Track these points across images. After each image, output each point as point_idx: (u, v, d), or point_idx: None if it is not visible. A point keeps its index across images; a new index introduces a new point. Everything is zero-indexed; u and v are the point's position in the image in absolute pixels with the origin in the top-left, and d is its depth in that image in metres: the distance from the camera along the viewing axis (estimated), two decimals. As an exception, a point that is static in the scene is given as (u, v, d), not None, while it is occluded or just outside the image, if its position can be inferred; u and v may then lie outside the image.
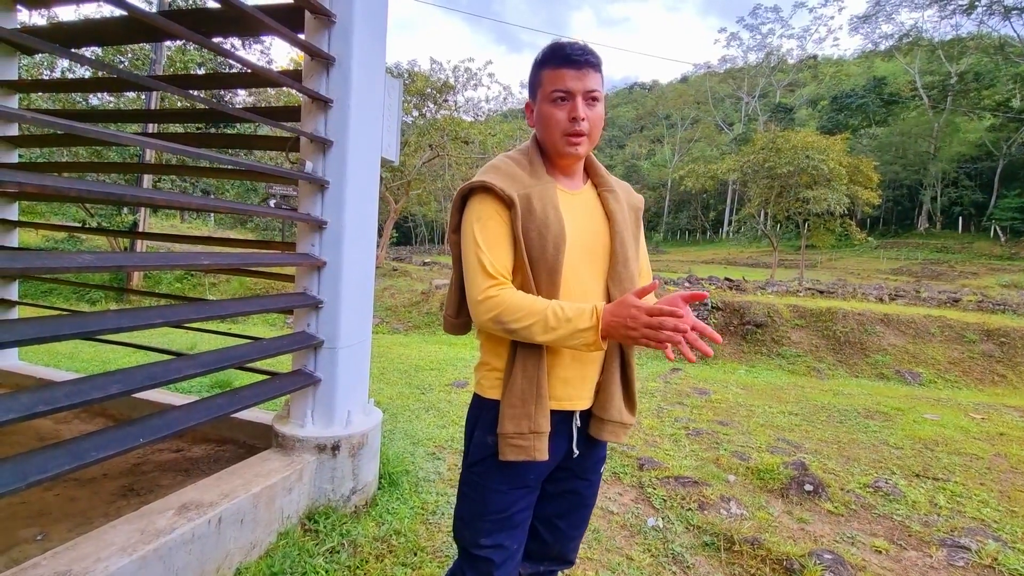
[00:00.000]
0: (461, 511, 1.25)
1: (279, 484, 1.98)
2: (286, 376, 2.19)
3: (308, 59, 2.16)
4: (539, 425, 1.11)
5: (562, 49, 1.15)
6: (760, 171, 18.19)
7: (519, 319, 1.05)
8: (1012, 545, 2.38)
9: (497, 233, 1.11)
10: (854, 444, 3.82)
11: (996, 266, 23.33)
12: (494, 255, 1.10)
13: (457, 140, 16.44)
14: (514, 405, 1.12)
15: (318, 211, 2.19)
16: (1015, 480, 3.26)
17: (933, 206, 33.69)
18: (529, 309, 1.06)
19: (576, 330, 1.04)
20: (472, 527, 1.21)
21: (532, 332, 1.06)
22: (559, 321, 1.04)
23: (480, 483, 1.20)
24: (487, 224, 1.11)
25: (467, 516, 1.23)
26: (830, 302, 8.75)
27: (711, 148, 44.24)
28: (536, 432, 1.11)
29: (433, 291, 10.92)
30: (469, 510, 1.22)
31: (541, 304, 1.06)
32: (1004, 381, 6.96)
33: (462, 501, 1.25)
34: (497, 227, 1.11)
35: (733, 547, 2.19)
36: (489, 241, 1.10)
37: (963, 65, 34.04)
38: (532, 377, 1.12)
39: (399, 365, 5.76)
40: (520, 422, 1.11)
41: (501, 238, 1.11)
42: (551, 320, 1.04)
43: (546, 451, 1.12)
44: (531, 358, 1.12)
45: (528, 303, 1.06)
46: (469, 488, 1.23)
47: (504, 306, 1.06)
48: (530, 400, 1.11)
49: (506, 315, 1.06)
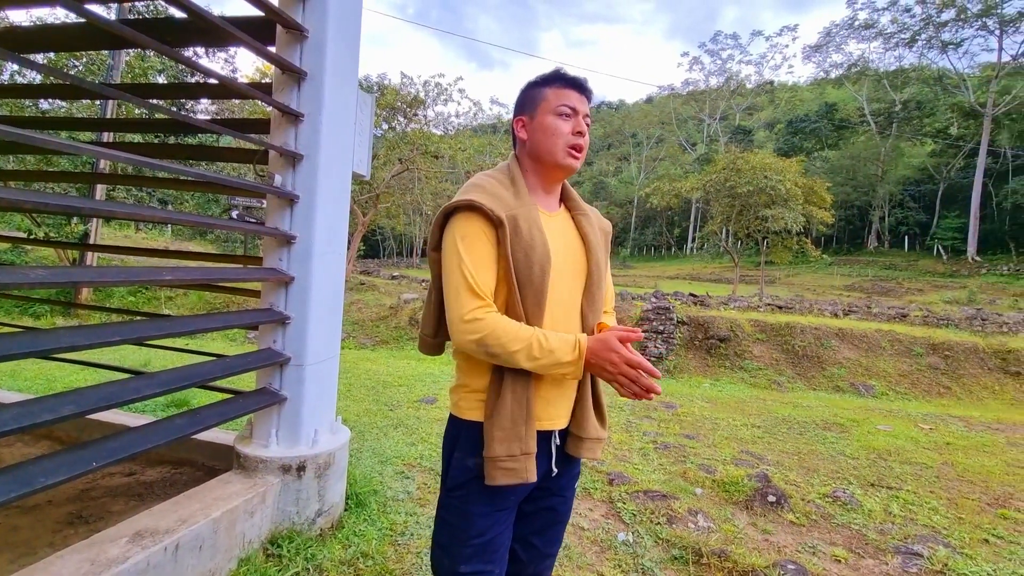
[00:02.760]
0: (440, 538, 1.22)
1: (241, 507, 1.90)
2: (250, 395, 2.12)
3: (279, 72, 2.14)
4: (529, 447, 1.11)
5: (568, 74, 1.24)
6: (722, 190, 18.84)
7: (504, 344, 1.06)
8: (960, 551, 2.50)
9: (483, 253, 1.11)
10: (813, 455, 3.96)
11: (939, 283, 24.73)
12: (480, 275, 1.09)
13: (427, 154, 16.43)
14: (504, 428, 1.10)
15: (287, 225, 2.15)
16: (961, 488, 3.43)
17: (881, 226, 35.57)
18: (515, 336, 1.06)
19: (558, 362, 1.07)
20: (453, 554, 1.18)
21: (516, 359, 1.07)
22: (543, 352, 1.06)
23: (461, 508, 1.17)
24: (473, 243, 1.10)
25: (447, 543, 1.20)
26: (789, 317, 9.09)
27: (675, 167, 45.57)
28: (527, 454, 1.11)
29: (402, 305, 10.79)
30: (449, 536, 1.19)
31: (527, 332, 1.07)
32: (949, 392, 7.35)
33: (441, 528, 1.22)
34: (483, 247, 1.11)
35: (701, 560, 2.22)
36: (475, 261, 1.09)
37: (906, 94, 36.36)
38: (522, 399, 1.12)
39: (366, 381, 5.65)
40: (512, 444, 1.10)
41: (486, 258, 1.11)
42: (535, 350, 1.06)
43: (534, 472, 1.12)
44: (520, 380, 1.12)
45: (514, 330, 1.07)
46: (449, 513, 1.20)
47: (490, 330, 1.06)
48: (520, 422, 1.11)
49: (491, 339, 1.06)
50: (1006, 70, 30.38)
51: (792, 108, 49.56)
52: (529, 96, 1.25)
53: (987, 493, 3.36)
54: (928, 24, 32.12)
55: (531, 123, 1.23)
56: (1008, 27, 29.97)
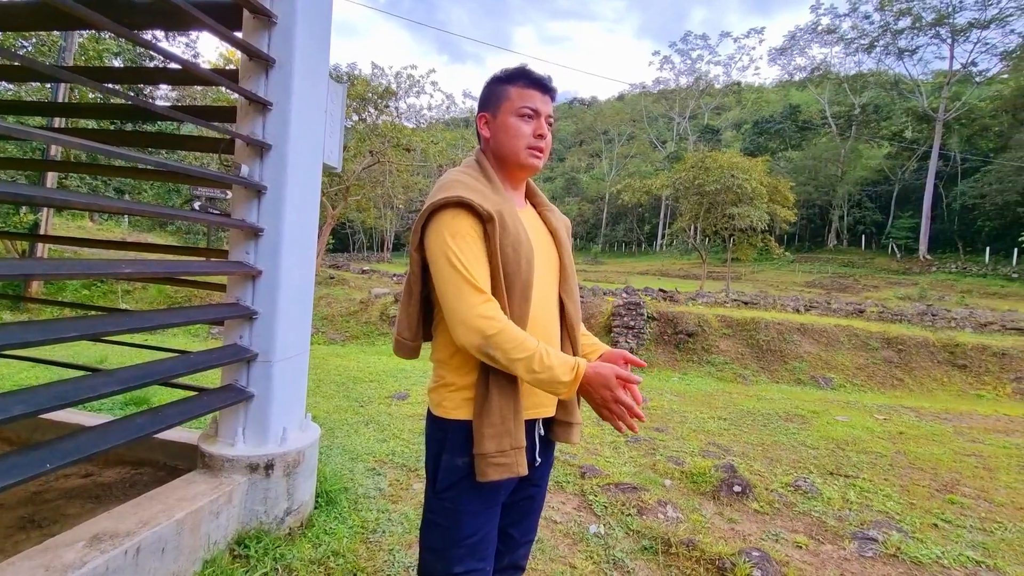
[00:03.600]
0: (431, 542, 1.20)
1: (206, 508, 1.85)
2: (216, 392, 2.05)
3: (246, 59, 2.06)
4: (519, 440, 1.11)
5: (533, 73, 1.23)
6: (690, 188, 19.21)
7: (509, 351, 1.04)
8: (912, 535, 2.64)
9: (475, 249, 1.09)
10: (776, 446, 4.10)
11: (894, 280, 25.89)
12: (477, 270, 1.08)
13: (399, 147, 16.20)
14: (494, 424, 1.10)
15: (254, 217, 2.08)
16: (913, 475, 3.61)
17: (840, 224, 36.96)
18: (522, 344, 1.04)
19: (555, 380, 1.06)
20: (445, 557, 1.16)
21: (515, 366, 1.05)
22: (543, 367, 1.05)
23: (452, 508, 1.16)
24: (465, 239, 1.09)
25: (438, 546, 1.18)
26: (754, 313, 9.36)
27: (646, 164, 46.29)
28: (517, 448, 1.11)
29: (372, 300, 10.64)
30: (441, 539, 1.17)
31: (532, 344, 1.06)
32: (902, 384, 7.72)
33: (431, 530, 1.19)
34: (474, 243, 1.10)
35: (670, 550, 2.27)
36: (469, 257, 1.08)
37: (865, 98, 37.79)
38: (509, 394, 1.12)
39: (336, 377, 5.55)
40: (502, 440, 1.10)
41: (479, 254, 1.10)
42: (536, 364, 1.05)
43: (525, 465, 1.12)
44: (497, 375, 1.11)
45: (522, 338, 1.05)
46: (439, 515, 1.18)
47: (499, 330, 1.04)
48: (509, 416, 1.11)
49: (500, 339, 1.04)
50: (956, 77, 31.96)
51: (758, 109, 50.87)
52: (493, 93, 1.23)
53: (936, 480, 3.55)
54: (886, 31, 33.42)
55: (494, 122, 1.23)
56: (959, 36, 31.48)
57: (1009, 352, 8.23)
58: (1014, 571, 2.36)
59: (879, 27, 33.71)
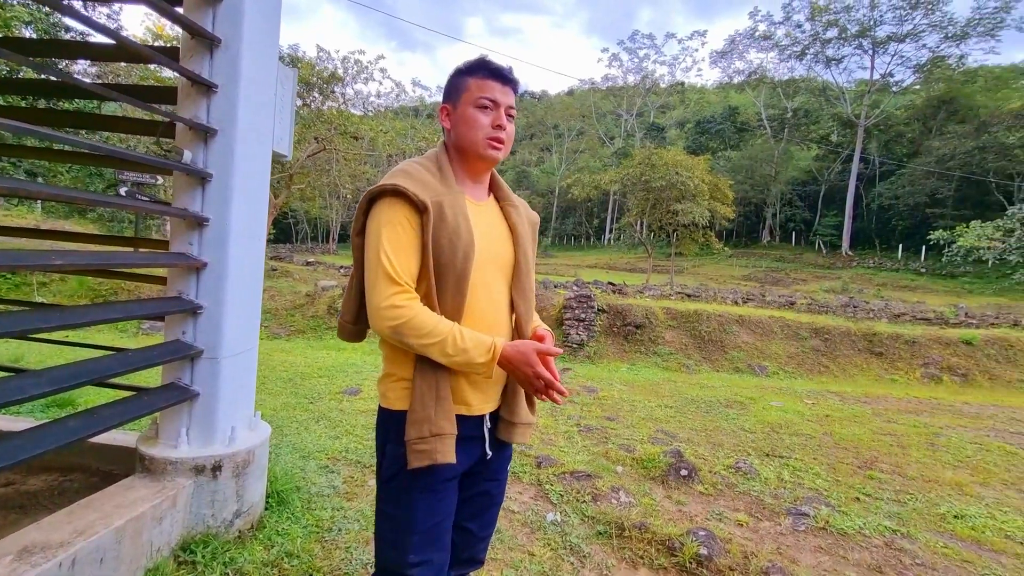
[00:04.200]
0: (383, 531, 1.20)
1: (148, 514, 1.75)
2: (157, 391, 1.94)
3: (188, 38, 1.94)
4: (440, 427, 1.11)
5: (492, 64, 1.22)
6: (638, 184, 19.78)
7: (420, 337, 1.07)
8: (839, 509, 2.87)
9: (406, 239, 1.10)
10: (718, 431, 4.33)
11: (820, 274, 27.78)
12: (400, 261, 1.09)
13: (346, 135, 15.68)
14: (415, 411, 1.11)
15: (197, 206, 1.97)
16: (838, 454, 3.92)
17: (774, 222, 39.21)
18: (433, 329, 1.07)
19: (471, 362, 1.10)
20: (398, 546, 1.17)
21: (430, 351, 1.08)
22: (457, 350, 1.08)
23: (400, 498, 1.17)
24: (396, 229, 1.10)
25: (389, 535, 1.18)
26: (697, 305, 9.80)
27: (595, 160, 47.10)
28: (437, 435, 1.11)
29: (319, 293, 10.29)
30: (392, 529, 1.18)
31: (445, 327, 1.08)
32: (827, 371, 8.33)
33: (383, 520, 1.20)
34: (406, 232, 1.11)
35: (624, 533, 2.36)
36: (396, 246, 1.09)
37: (796, 102, 40.12)
38: (431, 381, 1.12)
39: (282, 373, 5.35)
40: (421, 426, 1.10)
41: (409, 244, 1.11)
42: (449, 347, 1.07)
43: (450, 454, 1.12)
44: (428, 362, 1.12)
45: (433, 323, 1.08)
46: (389, 505, 1.19)
47: (407, 318, 1.07)
48: (429, 403, 1.11)
49: (407, 328, 1.07)
50: (876, 86, 34.53)
51: (700, 109, 52.88)
52: (454, 85, 1.24)
53: (858, 458, 3.87)
54: (815, 40, 35.53)
55: (454, 113, 1.22)
56: (879, 48, 33.99)
57: (919, 340, 9.05)
58: (924, 537, 2.62)
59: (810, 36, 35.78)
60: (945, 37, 31.60)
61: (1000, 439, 4.65)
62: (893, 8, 32.03)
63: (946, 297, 19.85)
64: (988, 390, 7.99)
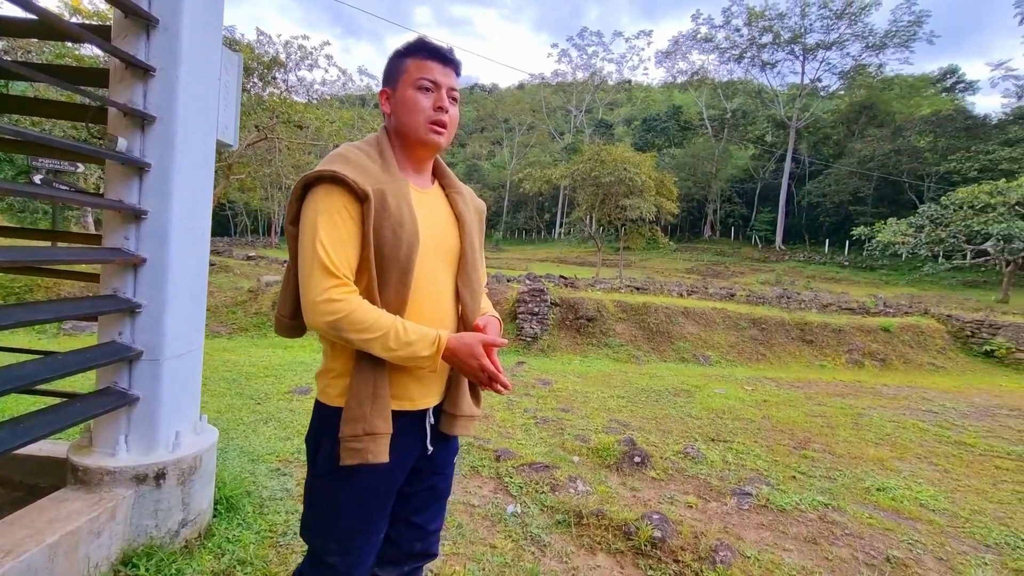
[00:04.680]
0: (309, 519, 1.20)
1: (84, 528, 1.63)
2: (92, 397, 1.81)
3: (120, 16, 1.80)
4: (374, 427, 1.08)
5: (431, 44, 1.17)
6: (587, 179, 20.16)
7: (360, 332, 1.02)
8: (777, 487, 3.07)
9: (344, 229, 1.05)
10: (667, 419, 4.51)
11: (756, 267, 29.37)
12: (338, 253, 1.04)
13: (290, 123, 15.02)
14: (351, 408, 1.08)
15: (134, 198, 1.84)
16: (776, 437, 4.18)
17: (715, 217, 41.05)
18: (373, 323, 1.02)
19: (415, 355, 1.06)
20: (323, 535, 1.17)
21: (371, 346, 1.04)
22: (400, 343, 1.04)
23: (331, 492, 1.15)
24: (333, 218, 1.04)
25: (315, 524, 1.19)
26: (645, 298, 10.13)
27: (545, 154, 47.51)
28: (370, 434, 1.08)
29: (262, 289, 9.84)
30: (319, 519, 1.18)
31: (386, 320, 1.04)
32: (764, 359, 8.83)
33: (310, 509, 1.20)
34: (344, 222, 1.05)
35: (582, 521, 2.43)
36: (334, 237, 1.03)
37: (735, 103, 42.06)
38: (369, 378, 1.09)
39: (225, 374, 5.10)
40: (355, 424, 1.07)
41: (348, 235, 1.05)
42: (392, 340, 1.03)
43: (383, 454, 1.09)
44: (366, 357, 1.08)
45: (374, 317, 1.03)
46: (317, 498, 1.18)
47: (345, 313, 1.02)
48: (366, 401, 1.08)
49: (346, 323, 1.02)
50: (806, 91, 36.75)
51: (646, 107, 54.38)
52: (392, 67, 1.18)
53: (793, 439, 4.14)
54: (752, 44, 37.34)
55: (394, 96, 1.17)
56: (808, 55, 36.16)
57: (844, 328, 9.76)
58: (852, 509, 2.85)
59: (747, 40, 37.56)
60: (866, 47, 34.11)
61: (914, 417, 5.11)
62: (821, 17, 34.21)
63: (867, 288, 21.53)
64: (903, 373, 8.74)
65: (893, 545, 2.48)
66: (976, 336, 10.09)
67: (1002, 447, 4.18)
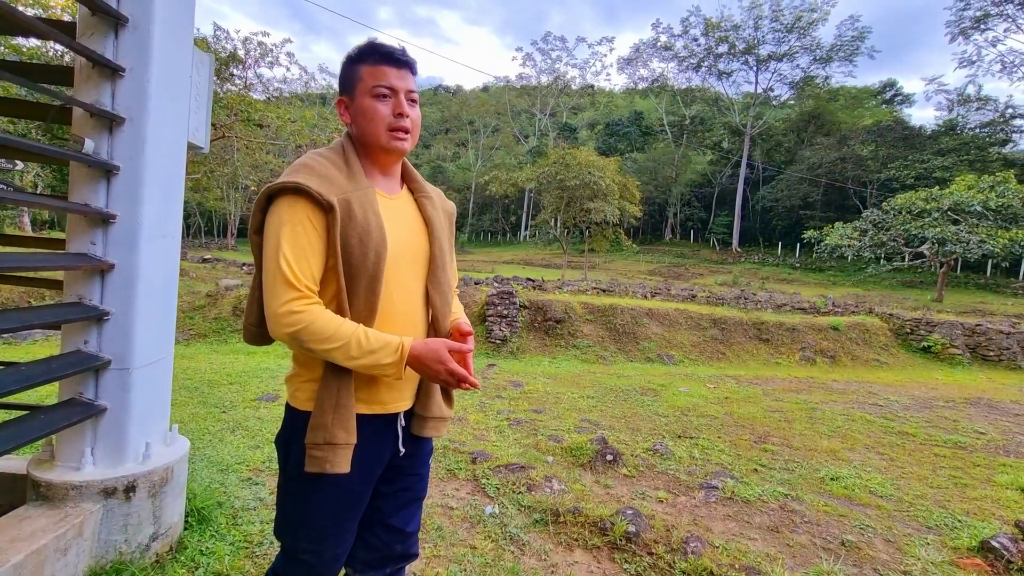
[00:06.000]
0: (282, 519, 1.21)
1: (50, 546, 1.57)
2: (54, 409, 1.73)
3: (87, 13, 1.74)
4: (334, 437, 1.08)
5: (383, 47, 1.14)
6: (553, 182, 20.40)
7: (321, 342, 1.02)
8: (741, 480, 3.21)
9: (307, 241, 1.04)
10: (636, 417, 4.63)
11: (714, 268, 30.39)
12: (300, 265, 1.03)
13: (249, 122, 14.55)
14: (315, 415, 1.10)
15: (101, 202, 1.78)
16: (738, 432, 4.36)
17: (675, 220, 42.25)
18: (333, 333, 1.02)
19: (379, 363, 1.05)
20: (295, 535, 1.19)
21: (333, 356, 1.04)
22: (362, 352, 1.03)
23: (300, 495, 1.17)
24: (296, 230, 1.03)
25: (285, 524, 1.20)
26: (611, 299, 10.34)
27: (510, 157, 47.74)
28: (329, 444, 1.08)
29: (222, 293, 9.51)
30: (288, 520, 1.20)
31: (347, 330, 1.04)
32: (724, 357, 9.17)
33: (283, 510, 1.21)
34: (307, 234, 1.04)
35: (559, 519, 2.48)
36: (296, 249, 1.03)
37: (693, 110, 43.45)
38: (333, 387, 1.09)
39: (186, 382, 4.92)
40: (317, 432, 1.09)
41: (311, 246, 1.04)
42: (353, 349, 1.03)
43: (342, 464, 1.09)
44: (332, 365, 1.08)
45: (334, 327, 1.03)
46: (289, 500, 1.20)
47: (306, 324, 1.02)
48: (328, 411, 1.09)
49: (307, 334, 1.02)
50: (760, 99, 38.36)
51: (609, 112, 55.47)
52: (346, 75, 1.16)
53: (754, 433, 4.33)
54: (709, 54, 38.66)
55: (352, 105, 1.15)
56: (761, 65, 37.77)
57: (797, 327, 10.25)
58: (810, 499, 3.02)
59: (704, 49, 38.86)
60: (814, 59, 35.92)
61: (862, 410, 5.43)
62: (773, 30, 35.78)
63: (817, 288, 22.62)
64: (851, 368, 9.25)
65: (847, 530, 2.64)
66: (915, 333, 10.77)
67: (939, 436, 4.50)
